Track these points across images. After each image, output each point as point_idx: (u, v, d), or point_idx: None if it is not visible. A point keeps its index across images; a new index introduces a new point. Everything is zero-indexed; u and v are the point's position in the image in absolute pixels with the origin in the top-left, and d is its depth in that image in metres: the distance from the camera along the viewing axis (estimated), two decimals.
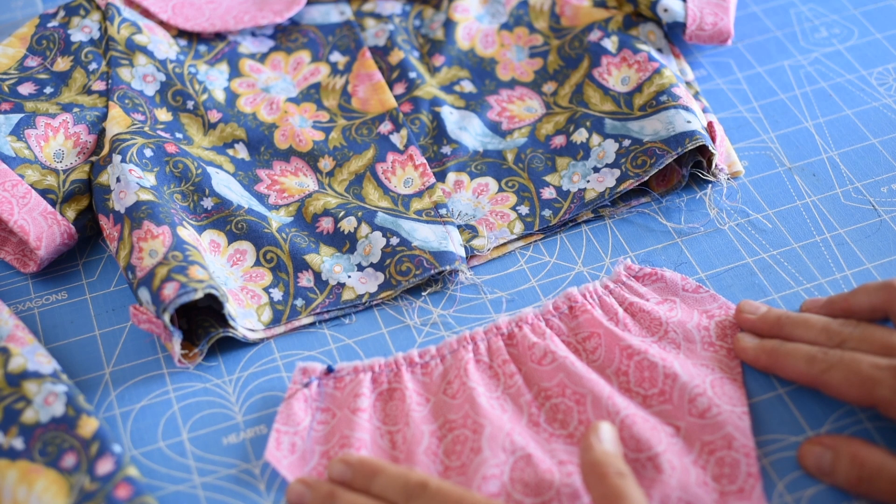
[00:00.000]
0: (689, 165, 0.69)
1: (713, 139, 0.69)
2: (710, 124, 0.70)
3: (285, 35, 0.79)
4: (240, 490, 0.58)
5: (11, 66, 0.73)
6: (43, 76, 0.73)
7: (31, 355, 0.60)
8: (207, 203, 0.68)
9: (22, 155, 0.68)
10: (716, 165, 0.69)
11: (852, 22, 0.81)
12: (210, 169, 0.70)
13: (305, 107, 0.75)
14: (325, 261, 0.67)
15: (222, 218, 0.68)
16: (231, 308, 0.63)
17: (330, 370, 0.61)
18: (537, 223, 0.68)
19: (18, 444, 0.57)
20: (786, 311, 0.61)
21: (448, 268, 0.66)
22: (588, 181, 0.69)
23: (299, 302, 0.65)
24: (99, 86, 0.73)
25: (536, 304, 0.65)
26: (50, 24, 0.75)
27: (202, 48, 0.77)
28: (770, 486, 0.56)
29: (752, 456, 0.56)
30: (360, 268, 0.67)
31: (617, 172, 0.69)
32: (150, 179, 0.67)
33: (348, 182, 0.71)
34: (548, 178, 0.70)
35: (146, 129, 0.71)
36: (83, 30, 0.75)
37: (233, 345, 0.64)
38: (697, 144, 0.67)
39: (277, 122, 0.74)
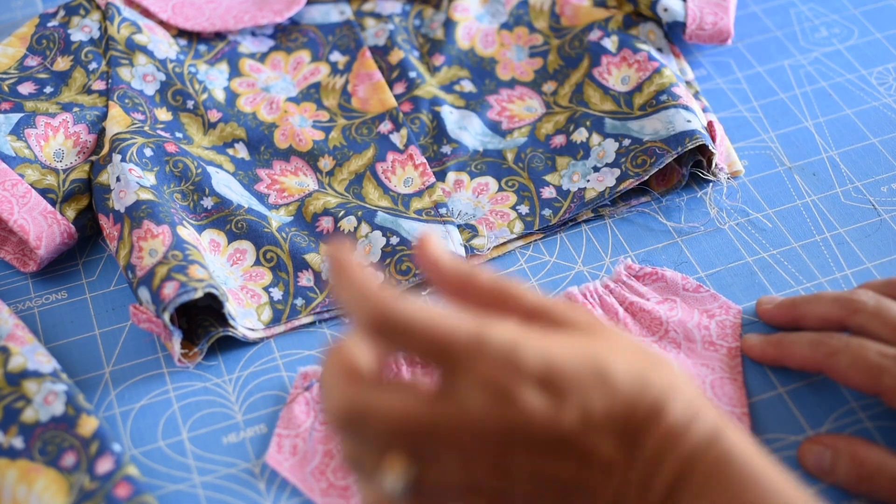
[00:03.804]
0: (689, 165, 0.69)
1: (713, 138, 0.69)
2: (710, 124, 0.70)
3: (285, 35, 0.79)
4: (240, 489, 0.58)
5: (11, 66, 0.73)
6: (43, 76, 0.73)
7: (30, 354, 0.60)
8: (207, 202, 0.68)
9: (22, 154, 0.68)
10: (716, 165, 0.69)
11: (852, 22, 0.81)
12: (210, 168, 0.70)
13: (305, 106, 0.75)
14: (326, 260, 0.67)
15: (222, 217, 0.68)
16: (231, 307, 0.63)
17: None
18: (537, 222, 0.68)
19: (18, 443, 0.57)
20: (801, 295, 0.61)
21: None
22: (588, 180, 0.69)
23: (299, 301, 0.65)
24: (99, 85, 0.73)
25: None
26: (50, 24, 0.75)
27: (202, 48, 0.77)
28: None
29: None
30: None
31: (617, 172, 0.69)
32: (149, 179, 0.67)
33: (348, 181, 0.71)
34: (548, 178, 0.70)
35: (146, 128, 0.71)
36: (83, 29, 0.75)
37: (233, 344, 0.64)
38: (697, 144, 0.67)
39: (277, 121, 0.74)
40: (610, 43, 0.75)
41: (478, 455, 0.42)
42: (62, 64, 0.73)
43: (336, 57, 0.78)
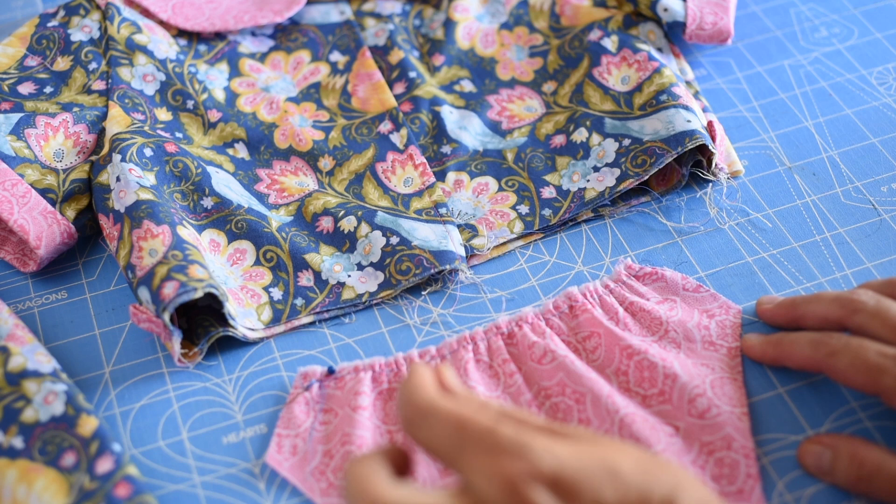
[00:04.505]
0: (689, 165, 0.69)
1: (713, 138, 0.69)
2: (709, 123, 0.70)
3: (285, 35, 0.79)
4: (240, 489, 0.58)
5: (11, 66, 0.73)
6: (43, 76, 0.73)
7: (30, 354, 0.60)
8: (207, 202, 0.68)
9: (22, 154, 0.68)
10: (716, 165, 0.69)
11: (852, 21, 0.81)
12: (210, 168, 0.70)
13: (305, 106, 0.75)
14: (325, 260, 0.67)
15: (222, 217, 0.68)
16: (231, 307, 0.63)
17: (331, 371, 0.61)
18: (537, 222, 0.68)
19: (18, 443, 0.57)
20: (801, 295, 0.61)
21: (448, 267, 0.66)
22: (588, 180, 0.69)
23: (299, 301, 0.65)
24: (99, 85, 0.73)
25: (536, 304, 0.65)
26: (50, 24, 0.75)
27: (202, 48, 0.77)
28: (770, 486, 0.56)
29: (751, 457, 0.56)
30: (360, 267, 0.67)
31: (617, 172, 0.69)
32: (149, 179, 0.67)
33: (348, 181, 0.71)
34: (548, 178, 0.70)
35: (146, 128, 0.71)
36: (83, 29, 0.75)
37: (232, 344, 0.64)
38: (697, 144, 0.67)
39: (277, 121, 0.74)
40: (610, 43, 0.75)
41: None
42: (62, 64, 0.73)
43: (336, 57, 0.78)
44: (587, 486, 0.43)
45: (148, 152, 0.69)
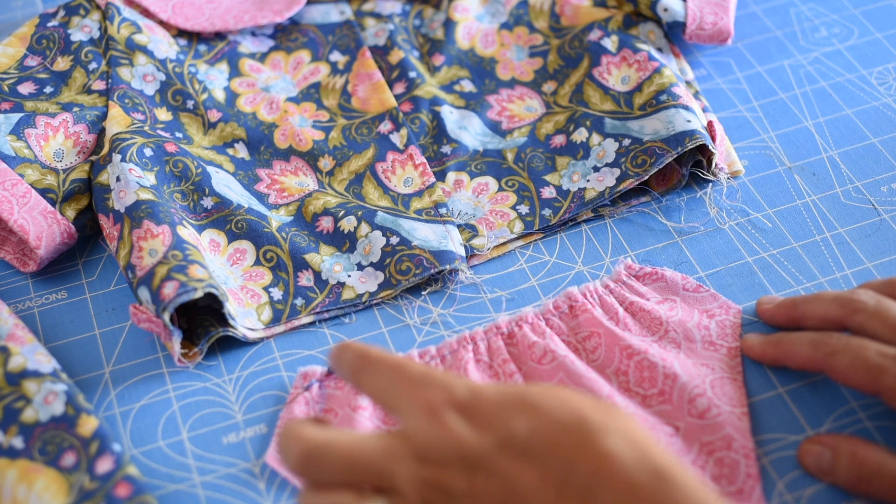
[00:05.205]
0: (689, 165, 0.69)
1: (713, 138, 0.69)
2: (709, 123, 0.70)
3: (285, 35, 0.79)
4: (240, 489, 0.58)
5: (11, 66, 0.73)
6: (43, 76, 0.73)
7: (30, 354, 0.60)
8: (207, 202, 0.68)
9: (22, 154, 0.68)
10: (716, 165, 0.69)
11: (852, 21, 0.81)
12: (210, 168, 0.70)
13: (305, 106, 0.75)
14: (325, 260, 0.67)
15: (222, 217, 0.68)
16: (231, 307, 0.63)
17: (331, 371, 0.61)
18: (537, 222, 0.68)
19: (18, 443, 0.57)
20: (801, 295, 0.61)
21: (448, 267, 0.66)
22: (588, 180, 0.69)
23: (299, 301, 0.65)
24: (99, 85, 0.73)
25: (536, 304, 0.65)
26: (50, 24, 0.75)
27: (202, 48, 0.77)
28: (770, 486, 0.56)
29: (751, 457, 0.56)
30: (360, 267, 0.67)
31: (617, 172, 0.69)
32: (149, 179, 0.67)
33: (348, 181, 0.71)
34: (548, 178, 0.70)
35: (146, 128, 0.71)
36: (83, 29, 0.75)
37: (232, 344, 0.64)
38: (697, 144, 0.67)
39: (277, 121, 0.74)
40: (610, 43, 0.75)
41: (426, 475, 0.46)
42: (62, 64, 0.73)
43: (336, 57, 0.78)
44: (498, 415, 0.47)
45: (148, 152, 0.69)
